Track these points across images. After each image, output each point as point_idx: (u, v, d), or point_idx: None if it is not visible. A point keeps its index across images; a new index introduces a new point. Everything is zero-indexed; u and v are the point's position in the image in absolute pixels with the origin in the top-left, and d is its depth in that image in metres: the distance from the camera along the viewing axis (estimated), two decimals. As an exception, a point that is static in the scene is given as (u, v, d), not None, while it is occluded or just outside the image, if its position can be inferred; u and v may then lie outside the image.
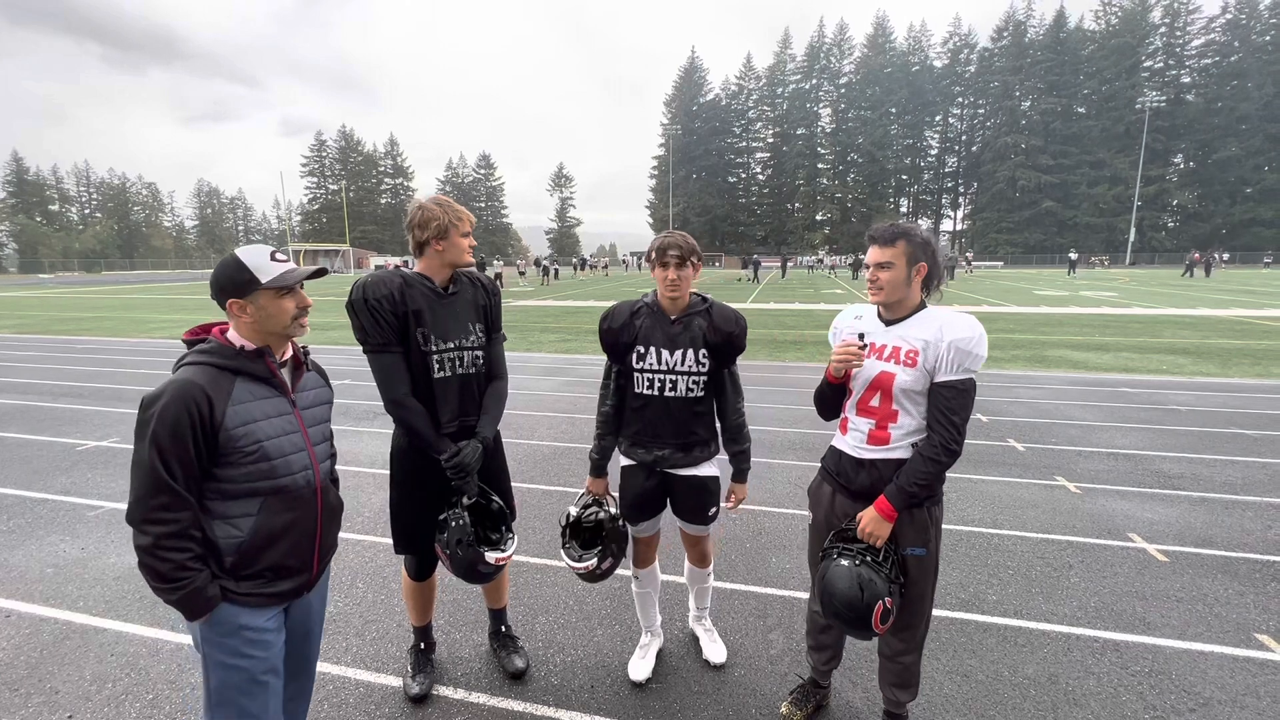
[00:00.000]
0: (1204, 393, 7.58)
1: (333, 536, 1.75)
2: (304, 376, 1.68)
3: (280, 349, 1.61)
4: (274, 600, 1.58)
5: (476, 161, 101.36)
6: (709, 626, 2.74)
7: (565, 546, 2.39)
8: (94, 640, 2.78)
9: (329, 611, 3.00)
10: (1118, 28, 65.58)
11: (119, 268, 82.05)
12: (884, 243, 1.89)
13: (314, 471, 1.64)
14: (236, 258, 1.51)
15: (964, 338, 1.82)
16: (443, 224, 2.15)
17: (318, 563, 1.68)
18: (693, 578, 2.67)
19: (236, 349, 1.52)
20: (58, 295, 29.99)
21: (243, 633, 1.53)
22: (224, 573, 1.51)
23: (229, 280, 1.50)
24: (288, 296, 1.55)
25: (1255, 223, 59.70)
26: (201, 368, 1.48)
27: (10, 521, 4.05)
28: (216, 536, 1.50)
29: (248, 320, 1.53)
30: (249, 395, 1.51)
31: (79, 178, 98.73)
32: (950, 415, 1.83)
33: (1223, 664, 2.60)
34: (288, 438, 1.57)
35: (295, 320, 1.58)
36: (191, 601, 1.44)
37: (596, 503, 2.43)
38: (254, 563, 1.53)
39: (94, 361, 10.35)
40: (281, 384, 1.59)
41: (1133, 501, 4.32)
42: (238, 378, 1.51)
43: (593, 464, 2.45)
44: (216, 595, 1.48)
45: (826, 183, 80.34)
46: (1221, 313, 16.42)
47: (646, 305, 2.32)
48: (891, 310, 1.96)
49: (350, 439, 5.80)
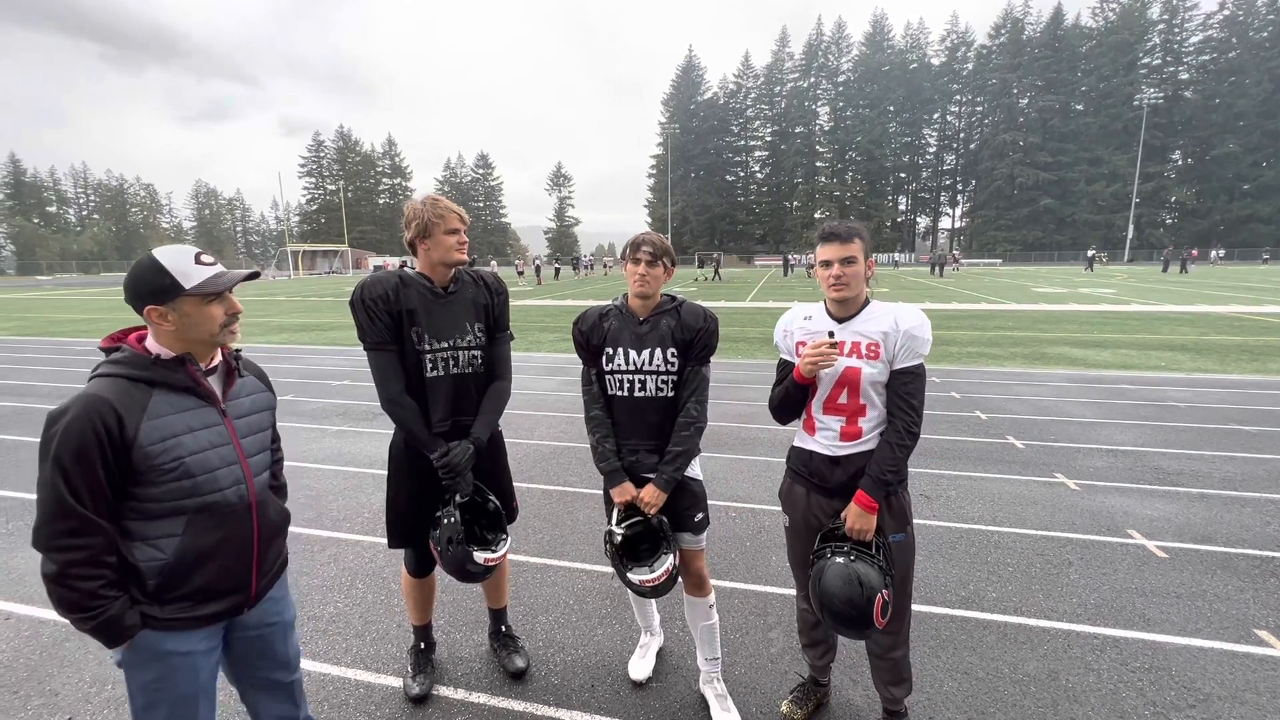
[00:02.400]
0: (1203, 389, 7.59)
1: (276, 551, 1.64)
2: (237, 383, 1.55)
3: (206, 356, 1.49)
4: (203, 623, 1.47)
5: (475, 161, 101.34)
6: (721, 691, 2.36)
7: (627, 570, 2.14)
8: (93, 643, 2.76)
9: (328, 613, 3.00)
10: (1115, 24, 65.56)
11: (117, 269, 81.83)
12: (844, 239, 1.91)
13: (247, 485, 1.51)
14: (155, 260, 1.38)
15: (915, 325, 1.92)
16: (424, 222, 2.13)
17: (256, 581, 1.56)
18: (693, 613, 2.36)
19: (152, 358, 1.40)
20: (55, 297, 29.95)
21: (168, 659, 1.43)
22: (146, 597, 1.40)
23: (146, 285, 1.37)
24: (215, 303, 1.42)
25: (1253, 219, 59.75)
26: (112, 380, 1.36)
27: (9, 524, 4.04)
28: (136, 559, 1.38)
29: (169, 328, 1.40)
30: (168, 408, 1.39)
31: (76, 179, 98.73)
32: (910, 400, 1.92)
33: (1222, 660, 2.60)
34: (215, 451, 1.45)
35: (224, 328, 1.46)
36: (107, 630, 1.35)
37: (631, 508, 2.22)
38: (179, 585, 1.42)
39: (92, 364, 10.30)
40: (208, 393, 1.46)
41: (1132, 498, 4.32)
42: (155, 389, 1.39)
43: (606, 475, 2.25)
44: (136, 624, 1.38)
45: (825, 181, 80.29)
46: (1220, 309, 16.43)
47: (616, 308, 2.28)
48: (846, 307, 1.99)
49: (349, 440, 5.80)
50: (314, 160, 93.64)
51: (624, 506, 2.21)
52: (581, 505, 4.30)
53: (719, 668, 2.42)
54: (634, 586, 2.14)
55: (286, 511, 1.71)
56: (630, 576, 2.13)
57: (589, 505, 4.29)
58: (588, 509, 4.23)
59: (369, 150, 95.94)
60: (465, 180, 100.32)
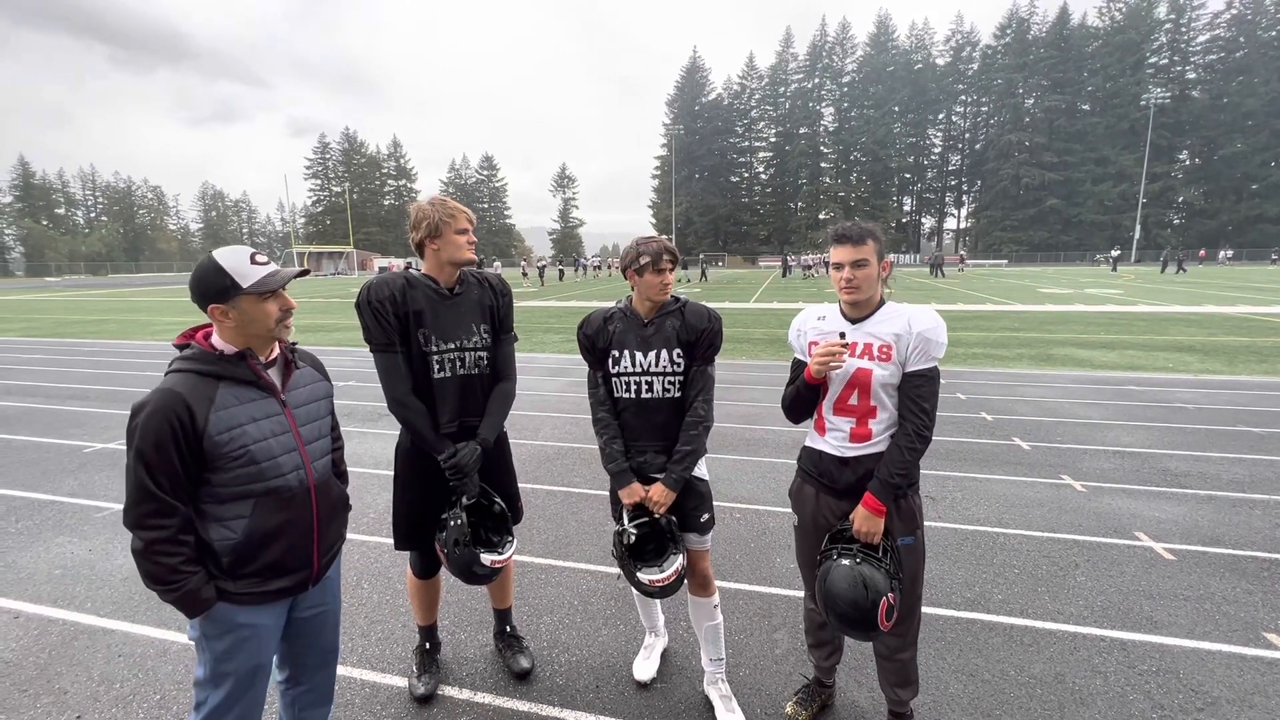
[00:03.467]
0: (1210, 390, 7.54)
1: (335, 532, 1.75)
2: (294, 374, 1.67)
3: (265, 350, 1.60)
4: (271, 598, 1.59)
5: (479, 162, 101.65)
6: (726, 692, 2.37)
7: (636, 569, 2.14)
8: (101, 641, 2.80)
9: (334, 612, 3.02)
10: (1122, 24, 65.25)
11: (124, 271, 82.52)
12: (856, 241, 1.90)
13: (306, 470, 1.63)
14: (215, 262, 1.49)
15: (930, 327, 1.89)
16: (434, 222, 2.14)
17: (318, 559, 1.68)
18: (696, 613, 2.36)
19: (217, 354, 1.51)
20: (64, 298, 30.17)
21: (239, 630, 1.55)
22: (220, 573, 1.53)
23: (209, 285, 1.48)
24: (270, 300, 1.53)
25: (1261, 219, 59.34)
26: (184, 375, 1.48)
27: (19, 523, 4.08)
28: (211, 538, 1.51)
29: (230, 325, 1.52)
30: (234, 400, 1.51)
31: (84, 181, 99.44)
32: (921, 403, 1.89)
33: (1230, 663, 2.58)
34: (277, 439, 1.57)
35: (279, 323, 1.57)
36: (187, 602, 1.47)
37: (639, 508, 2.22)
38: (249, 562, 1.54)
39: (100, 364, 10.40)
40: (269, 385, 1.58)
41: (1139, 500, 4.30)
42: (221, 383, 1.50)
43: (614, 476, 2.25)
44: (212, 596, 1.51)
45: (829, 182, 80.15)
46: (1228, 310, 16.32)
47: (620, 310, 2.28)
48: (859, 308, 1.98)
49: (354, 440, 5.82)
50: (320, 162, 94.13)
51: (632, 507, 2.22)
52: (586, 506, 4.30)
53: (724, 668, 2.42)
54: (643, 587, 2.15)
55: (346, 494, 1.82)
56: (640, 576, 2.13)
57: (594, 506, 4.29)
58: (592, 510, 4.23)
59: (374, 152, 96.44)
60: (470, 181, 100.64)
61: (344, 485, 1.85)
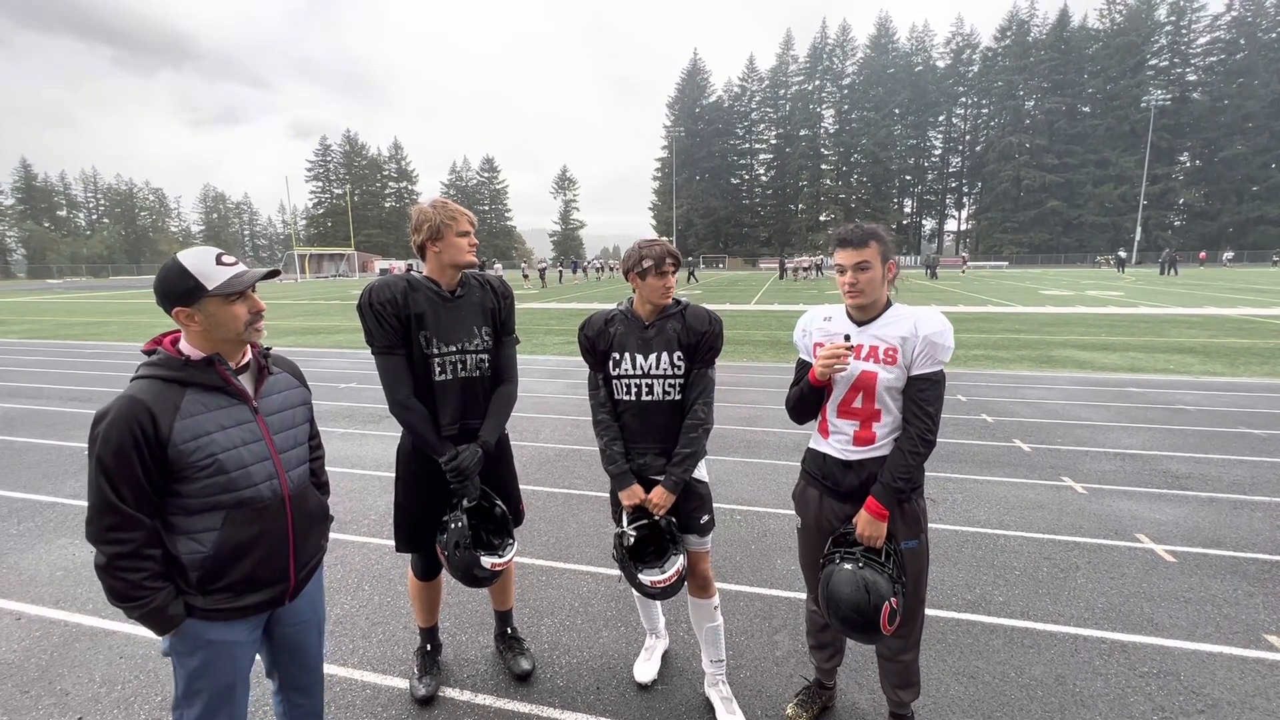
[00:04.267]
0: (1212, 392, 7.53)
1: (313, 544, 1.68)
2: (268, 381, 1.59)
3: (235, 355, 1.53)
4: (245, 613, 1.53)
5: (480, 165, 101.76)
6: (726, 694, 2.37)
7: (637, 571, 2.15)
8: (103, 642, 2.80)
9: (335, 614, 3.02)
10: (1122, 26, 65.32)
11: (126, 273, 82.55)
12: (858, 244, 1.89)
13: (280, 480, 1.56)
14: (179, 263, 1.42)
15: (936, 331, 1.87)
16: (435, 224, 2.15)
17: (294, 573, 1.61)
18: (696, 614, 2.36)
19: (184, 360, 1.45)
20: (66, 300, 30.22)
21: (210, 647, 1.50)
22: (190, 588, 1.46)
23: (172, 287, 1.42)
24: (238, 302, 1.46)
25: (1262, 221, 59.33)
26: (149, 382, 1.42)
27: (20, 525, 4.08)
28: (180, 552, 1.45)
29: (196, 329, 1.45)
30: (201, 407, 1.44)
31: (86, 183, 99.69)
32: (926, 406, 1.88)
33: (1231, 665, 2.58)
34: (248, 448, 1.50)
35: (249, 326, 1.49)
36: (154, 619, 1.42)
37: (640, 511, 2.22)
38: (220, 577, 1.48)
39: (102, 366, 10.43)
40: (239, 392, 1.51)
41: (1140, 502, 4.30)
42: (187, 389, 1.43)
43: (615, 478, 2.26)
44: (180, 614, 1.45)
45: (830, 184, 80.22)
46: (1229, 311, 16.31)
47: (621, 313, 2.29)
48: (865, 311, 1.97)
49: (355, 442, 5.82)
50: (321, 164, 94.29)
51: (632, 509, 2.22)
52: (586, 508, 4.30)
53: (724, 670, 2.41)
54: (644, 588, 2.15)
55: (325, 505, 1.75)
56: (641, 578, 2.13)
57: (594, 508, 4.29)
58: (593, 511, 4.23)
59: (375, 154, 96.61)
60: (471, 184, 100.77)
61: (324, 496, 1.79)
